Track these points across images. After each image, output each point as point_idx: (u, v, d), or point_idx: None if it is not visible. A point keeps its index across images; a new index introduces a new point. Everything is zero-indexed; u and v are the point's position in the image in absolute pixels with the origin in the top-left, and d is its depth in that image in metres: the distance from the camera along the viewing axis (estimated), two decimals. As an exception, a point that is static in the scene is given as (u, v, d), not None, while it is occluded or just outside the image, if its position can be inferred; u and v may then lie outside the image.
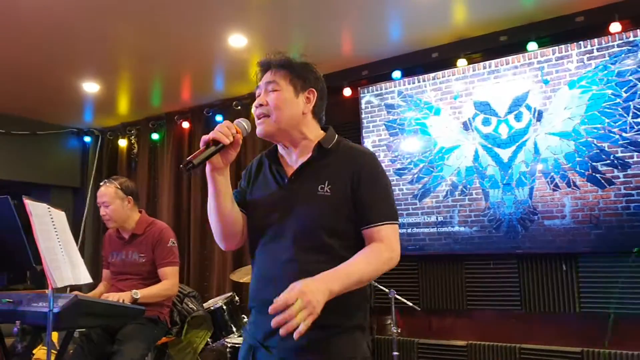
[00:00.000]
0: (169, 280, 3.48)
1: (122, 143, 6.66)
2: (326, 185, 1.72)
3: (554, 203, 3.95)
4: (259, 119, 1.79)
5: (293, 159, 1.84)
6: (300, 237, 1.70)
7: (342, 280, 1.55)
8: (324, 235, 1.69)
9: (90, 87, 5.40)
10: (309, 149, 1.80)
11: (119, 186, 3.57)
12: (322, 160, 1.78)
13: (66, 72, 5.04)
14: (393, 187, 2.72)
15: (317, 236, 1.69)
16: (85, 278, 2.67)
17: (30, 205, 2.31)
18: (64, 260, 2.48)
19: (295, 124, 1.79)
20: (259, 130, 1.79)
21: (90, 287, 3.95)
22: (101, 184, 3.66)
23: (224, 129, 1.66)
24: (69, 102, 5.86)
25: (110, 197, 3.53)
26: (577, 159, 3.89)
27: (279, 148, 1.89)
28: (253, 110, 1.82)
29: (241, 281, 4.24)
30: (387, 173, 1.83)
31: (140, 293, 3.28)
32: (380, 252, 1.67)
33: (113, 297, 3.15)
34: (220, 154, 1.69)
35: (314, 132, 1.84)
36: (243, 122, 1.76)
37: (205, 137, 1.65)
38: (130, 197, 3.60)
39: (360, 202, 1.71)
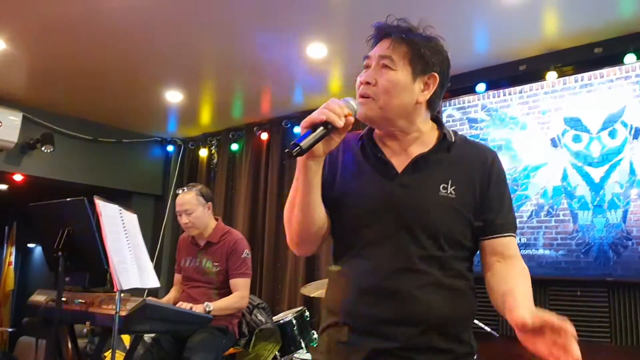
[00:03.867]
0: (240, 292, 3.44)
1: (203, 153, 6.77)
2: (449, 185, 1.49)
3: (652, 228, 3.63)
4: (361, 98, 1.50)
5: (398, 147, 1.56)
6: (415, 245, 1.46)
7: (529, 306, 1.39)
8: (444, 245, 1.46)
9: (174, 97, 5.51)
10: (421, 140, 1.55)
11: (198, 192, 3.57)
12: (442, 154, 1.54)
13: (151, 82, 5.17)
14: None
15: (436, 245, 1.46)
16: (153, 282, 2.67)
17: (101, 205, 2.32)
18: (132, 263, 2.48)
19: (405, 113, 1.51)
20: (359, 112, 1.49)
21: (164, 293, 3.99)
22: (179, 191, 3.66)
23: (337, 109, 1.37)
24: (153, 111, 6.02)
25: (192, 204, 3.52)
26: (679, 181, 3.56)
27: (378, 132, 1.60)
28: (357, 84, 1.53)
29: (312, 296, 4.14)
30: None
31: (212, 306, 3.25)
32: (524, 267, 1.51)
33: (185, 306, 3.15)
34: (324, 139, 1.40)
35: (426, 124, 1.58)
36: (353, 103, 1.46)
37: (311, 117, 1.36)
38: (210, 203, 3.60)
39: (489, 208, 1.51)
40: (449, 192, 1.48)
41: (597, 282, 3.86)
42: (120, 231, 2.50)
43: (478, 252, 1.59)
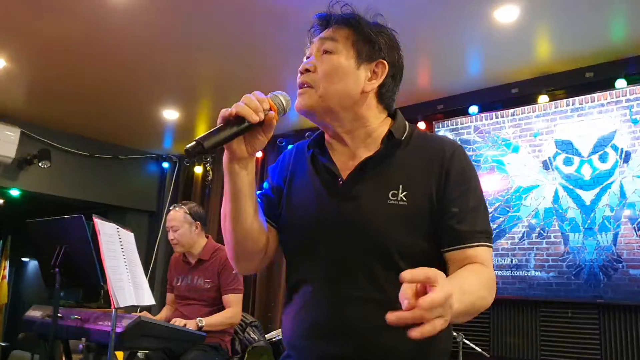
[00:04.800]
0: (233, 308, 3.46)
1: (198, 170, 6.81)
2: (400, 191, 1.25)
3: (641, 251, 3.68)
4: (300, 88, 1.32)
5: (348, 152, 1.35)
6: (365, 267, 1.24)
7: (458, 297, 1.01)
8: (401, 264, 1.21)
9: (171, 115, 5.56)
10: (372, 139, 1.33)
11: (187, 211, 3.61)
12: (392, 156, 1.31)
13: (148, 100, 5.23)
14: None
15: (390, 266, 1.21)
16: (149, 300, 2.69)
17: (99, 224, 2.36)
18: (128, 281, 2.51)
19: (349, 104, 1.30)
20: (296, 104, 1.32)
21: (158, 309, 4.00)
22: (171, 208, 3.72)
23: (252, 102, 1.18)
24: (150, 128, 6.06)
25: (179, 221, 3.57)
26: (668, 204, 3.62)
27: (327, 136, 1.39)
28: (298, 78, 1.34)
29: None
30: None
31: (205, 321, 3.27)
32: (488, 273, 1.22)
33: (179, 322, 3.17)
34: (245, 137, 1.22)
35: (377, 119, 1.35)
36: (280, 96, 1.27)
37: (224, 112, 1.18)
38: (198, 222, 3.63)
39: (449, 213, 1.24)
40: (399, 199, 1.25)
41: (587, 304, 3.90)
42: (118, 249, 2.53)
43: None
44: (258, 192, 1.38)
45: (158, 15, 3.68)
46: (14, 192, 6.02)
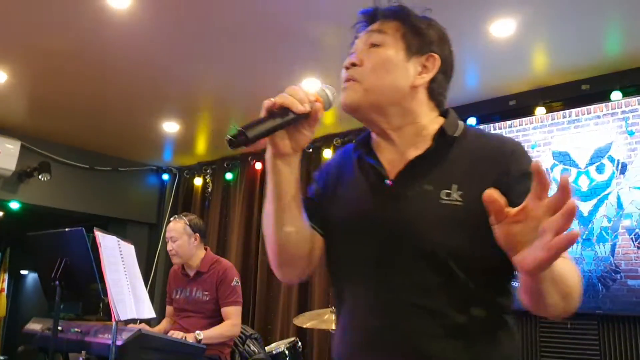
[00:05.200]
0: (231, 320, 3.47)
1: (198, 182, 6.82)
2: (454, 190, 1.15)
3: (639, 262, 3.70)
4: (344, 83, 1.25)
5: (396, 152, 1.26)
6: (415, 271, 1.14)
7: (556, 262, 0.91)
8: (456, 270, 1.12)
9: (171, 127, 5.59)
10: (421, 137, 1.24)
11: (187, 222, 3.63)
12: (445, 154, 1.21)
13: (148, 112, 5.26)
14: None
15: (444, 272, 1.12)
16: (149, 313, 2.70)
17: (100, 236, 2.38)
18: (129, 294, 2.52)
19: (397, 98, 1.22)
20: (341, 99, 1.24)
21: (157, 321, 4.01)
22: (171, 219, 3.73)
23: (298, 93, 1.11)
24: (150, 140, 6.09)
25: (178, 232, 3.59)
26: (665, 215, 3.64)
27: (373, 136, 1.32)
28: (342, 74, 1.27)
29: (304, 326, 4.17)
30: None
31: (203, 334, 3.28)
32: (575, 266, 1.08)
33: (177, 335, 3.17)
34: (288, 132, 1.14)
35: (427, 116, 1.26)
36: (327, 90, 1.20)
37: (268, 102, 1.11)
38: (197, 234, 3.64)
39: None
40: (453, 198, 1.14)
41: (587, 315, 3.90)
42: (119, 262, 2.55)
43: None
44: (303, 198, 1.28)
45: (158, 29, 3.72)
46: (14, 205, 6.04)
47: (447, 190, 1.15)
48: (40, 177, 5.73)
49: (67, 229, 2.74)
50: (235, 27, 3.65)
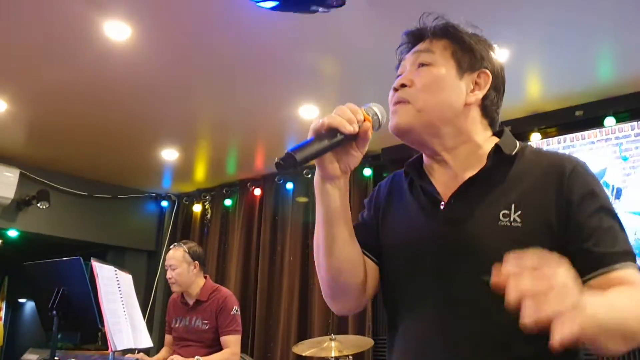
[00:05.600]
0: (231, 349, 3.46)
1: (197, 208, 6.84)
2: (513, 211, 1.09)
3: (637, 287, 3.70)
4: (394, 105, 1.19)
5: (450, 174, 1.20)
6: (476, 297, 1.06)
7: (604, 310, 0.87)
8: None
9: (170, 155, 5.63)
10: (476, 157, 1.18)
11: (187, 250, 3.63)
12: (501, 173, 1.15)
13: (147, 140, 5.30)
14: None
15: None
16: (147, 342, 2.70)
17: (98, 267, 2.39)
18: (126, 323, 2.53)
19: (451, 117, 1.17)
20: (392, 123, 1.19)
21: (156, 350, 3.99)
22: (170, 247, 3.74)
23: (346, 113, 1.08)
24: (149, 168, 6.12)
25: (178, 260, 3.59)
26: (662, 240, 3.66)
27: (425, 160, 1.26)
28: (390, 96, 1.23)
29: (304, 354, 4.15)
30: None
31: None
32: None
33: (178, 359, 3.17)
34: (337, 154, 1.11)
35: (482, 135, 1.21)
36: (375, 108, 1.17)
37: (315, 124, 1.08)
38: (196, 262, 3.64)
39: (582, 236, 1.05)
40: (512, 219, 1.08)
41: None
42: (116, 292, 2.55)
43: None
44: (354, 224, 1.23)
45: (157, 60, 3.78)
46: (12, 233, 6.04)
47: (505, 211, 1.09)
48: (39, 205, 5.75)
49: (64, 259, 2.75)
50: (232, 57, 3.71)
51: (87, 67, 3.86)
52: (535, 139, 4.32)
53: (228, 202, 6.52)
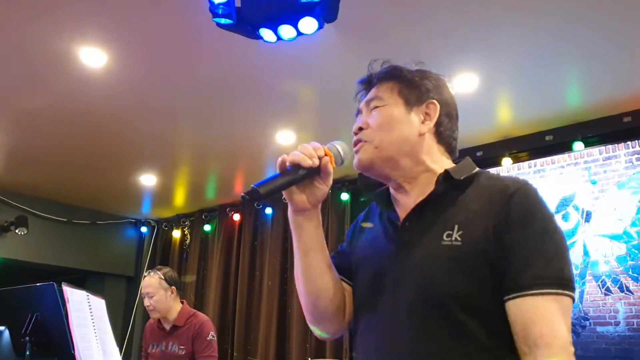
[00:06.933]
0: (206, 375, 3.46)
1: (176, 234, 6.84)
2: (455, 231, 1.15)
3: (607, 308, 3.77)
4: (355, 146, 1.30)
5: (410, 201, 1.27)
6: (419, 314, 1.13)
7: None
8: (455, 310, 1.10)
9: (148, 180, 5.66)
10: (432, 183, 1.25)
11: (162, 276, 3.63)
12: (451, 197, 1.22)
13: (126, 166, 5.33)
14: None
15: (445, 311, 1.10)
16: (119, 367, 2.70)
17: (69, 291, 2.40)
18: (97, 348, 2.53)
19: (407, 149, 1.26)
20: (355, 161, 1.30)
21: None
22: (145, 274, 3.73)
23: (307, 149, 1.18)
24: (128, 194, 6.13)
25: (154, 287, 3.59)
26: (630, 262, 3.73)
27: (392, 191, 1.34)
28: (353, 139, 1.34)
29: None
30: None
31: None
32: None
33: None
34: (305, 187, 1.20)
35: (441, 162, 1.29)
36: (338, 145, 1.27)
37: (279, 160, 1.17)
38: (173, 287, 3.65)
39: (508, 257, 1.09)
40: (454, 238, 1.14)
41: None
42: (87, 317, 2.56)
43: None
44: (332, 253, 1.34)
45: (134, 87, 3.82)
46: (-10, 260, 6.01)
47: (448, 232, 1.16)
48: (17, 231, 5.72)
49: (37, 284, 2.75)
50: (210, 83, 3.76)
51: (64, 93, 3.89)
52: (507, 164, 4.41)
53: (207, 227, 6.53)
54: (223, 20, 2.67)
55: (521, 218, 1.12)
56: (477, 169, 1.28)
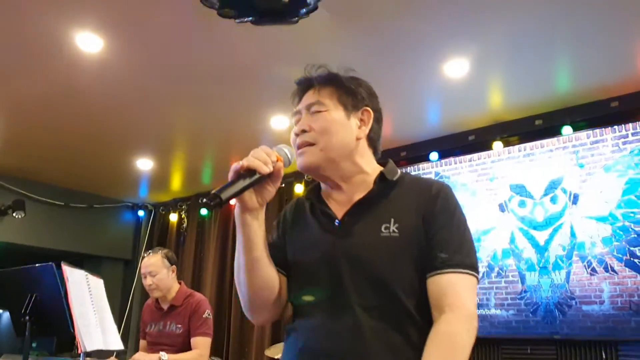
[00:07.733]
0: (199, 350, 3.52)
1: (173, 218, 6.91)
2: (392, 224, 1.32)
3: (592, 288, 3.87)
4: (299, 148, 1.40)
5: (344, 198, 1.43)
6: (364, 297, 1.29)
7: None
8: (399, 293, 1.28)
9: (145, 164, 5.72)
10: (367, 184, 1.41)
11: (164, 255, 3.71)
12: (385, 195, 1.39)
13: (122, 150, 5.39)
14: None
15: (390, 293, 1.28)
16: (117, 344, 2.78)
17: (68, 271, 2.47)
18: (96, 326, 2.61)
19: (347, 153, 1.40)
20: (300, 162, 1.40)
21: (130, 356, 4.05)
22: (145, 254, 3.79)
23: (262, 155, 1.28)
24: (125, 178, 6.20)
25: (157, 266, 3.64)
26: (615, 243, 3.82)
27: (323, 187, 1.49)
28: (292, 139, 1.44)
29: (276, 357, 4.25)
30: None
31: (168, 356, 3.33)
32: (453, 335, 1.23)
33: (142, 357, 3.22)
34: (255, 189, 1.30)
35: (371, 164, 1.45)
36: (285, 149, 1.39)
37: (235, 165, 1.27)
38: (174, 266, 3.72)
39: (432, 243, 1.31)
40: (391, 231, 1.32)
41: (545, 340, 4.05)
42: (86, 295, 2.63)
43: None
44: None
45: (130, 72, 3.87)
46: (-12, 243, 6.07)
47: (386, 224, 1.33)
48: (14, 214, 5.76)
49: (37, 265, 2.82)
50: (205, 68, 3.82)
51: (60, 78, 3.94)
52: (498, 148, 4.48)
53: (204, 211, 6.60)
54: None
55: (444, 212, 1.34)
56: (400, 171, 1.46)
